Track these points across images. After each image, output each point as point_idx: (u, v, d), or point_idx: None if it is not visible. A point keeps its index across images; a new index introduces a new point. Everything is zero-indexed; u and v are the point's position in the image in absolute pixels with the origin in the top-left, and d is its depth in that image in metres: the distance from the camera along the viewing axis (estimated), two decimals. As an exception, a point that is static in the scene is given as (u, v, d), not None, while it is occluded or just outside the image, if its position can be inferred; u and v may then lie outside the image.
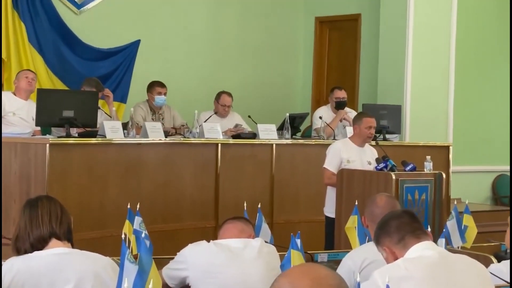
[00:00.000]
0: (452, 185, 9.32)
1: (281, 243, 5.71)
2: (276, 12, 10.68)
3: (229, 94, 8.24)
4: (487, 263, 4.13)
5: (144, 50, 9.34)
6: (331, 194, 6.50)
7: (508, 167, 10.36)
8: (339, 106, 8.29)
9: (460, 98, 9.83)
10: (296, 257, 3.20)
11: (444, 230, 4.62)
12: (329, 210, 6.51)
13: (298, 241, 3.26)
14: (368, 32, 10.11)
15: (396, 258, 2.94)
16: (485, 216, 8.68)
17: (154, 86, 7.98)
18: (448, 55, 9.65)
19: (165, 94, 7.95)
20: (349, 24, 10.45)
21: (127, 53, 9.29)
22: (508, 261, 3.97)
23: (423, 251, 2.88)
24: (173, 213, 7.05)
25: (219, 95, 8.26)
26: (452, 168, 9.72)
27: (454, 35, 9.64)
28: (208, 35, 10.14)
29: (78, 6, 9.04)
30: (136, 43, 9.31)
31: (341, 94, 8.34)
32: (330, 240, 6.37)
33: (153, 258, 4.10)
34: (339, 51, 10.72)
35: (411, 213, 3.09)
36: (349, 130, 7.53)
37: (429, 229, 3.49)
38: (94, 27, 9.09)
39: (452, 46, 9.65)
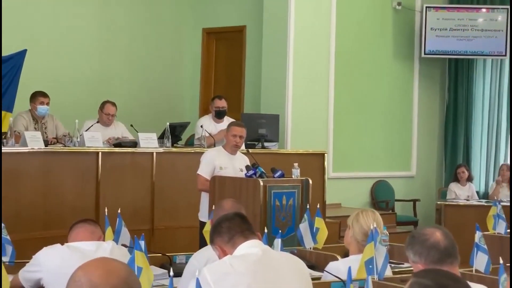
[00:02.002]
0: (332, 191, 9.78)
1: (161, 248, 5.97)
2: (164, 23, 10.93)
3: (113, 104, 8.42)
4: (332, 261, 4.49)
5: (30, 59, 9.41)
6: (204, 200, 6.78)
7: (385, 173, 10.89)
8: (218, 115, 8.59)
9: (340, 107, 10.29)
10: (139, 257, 3.46)
11: (297, 232, 4.97)
12: (203, 215, 6.77)
13: (142, 243, 3.53)
14: (253, 43, 10.47)
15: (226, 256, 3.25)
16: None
17: (37, 96, 8.10)
18: (328, 65, 10.11)
19: (47, 104, 8.07)
20: (235, 35, 10.79)
21: (14, 63, 9.32)
22: (346, 258, 4.35)
23: (248, 249, 3.19)
24: (53, 220, 7.20)
25: (103, 105, 8.43)
26: (332, 174, 10.20)
27: (334, 46, 10.10)
28: (95, 44, 10.30)
29: (-38, 15, 9.06)
30: (23, 53, 9.37)
31: (221, 104, 8.64)
32: (204, 244, 6.61)
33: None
34: (225, 61, 11.05)
35: (242, 215, 3.39)
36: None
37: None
38: (-22, 37, 9.13)
39: (331, 57, 10.12)
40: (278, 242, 4.14)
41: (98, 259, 2.03)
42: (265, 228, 4.98)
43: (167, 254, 4.74)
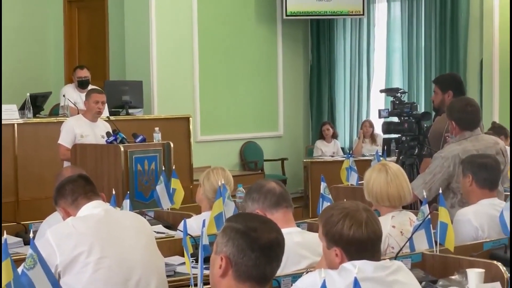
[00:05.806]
0: (202, 154, 9.91)
1: (26, 219, 5.94)
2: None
3: (-32, 76, 8.26)
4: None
5: None
6: (67, 169, 6.77)
7: (253, 134, 11.11)
8: (81, 85, 8.55)
9: (206, 71, 10.41)
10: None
11: (154, 194, 5.07)
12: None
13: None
14: (115, 10, 10.40)
15: (71, 218, 3.32)
16: (235, 180, 9.33)
17: None
18: (191, 29, 10.20)
19: None
20: (97, 3, 10.69)
21: None
22: (198, 216, 4.48)
23: (91, 210, 3.28)
24: None
25: (-44, 78, 8.25)
26: (200, 138, 10.35)
27: (196, 10, 10.18)
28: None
29: None
30: None
31: (83, 73, 8.60)
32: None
33: None
34: (89, 29, 10.94)
35: (86, 177, 3.46)
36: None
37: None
38: None
39: (194, 21, 10.20)
40: (126, 203, 4.24)
41: None
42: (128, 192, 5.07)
43: (21, 222, 4.75)
